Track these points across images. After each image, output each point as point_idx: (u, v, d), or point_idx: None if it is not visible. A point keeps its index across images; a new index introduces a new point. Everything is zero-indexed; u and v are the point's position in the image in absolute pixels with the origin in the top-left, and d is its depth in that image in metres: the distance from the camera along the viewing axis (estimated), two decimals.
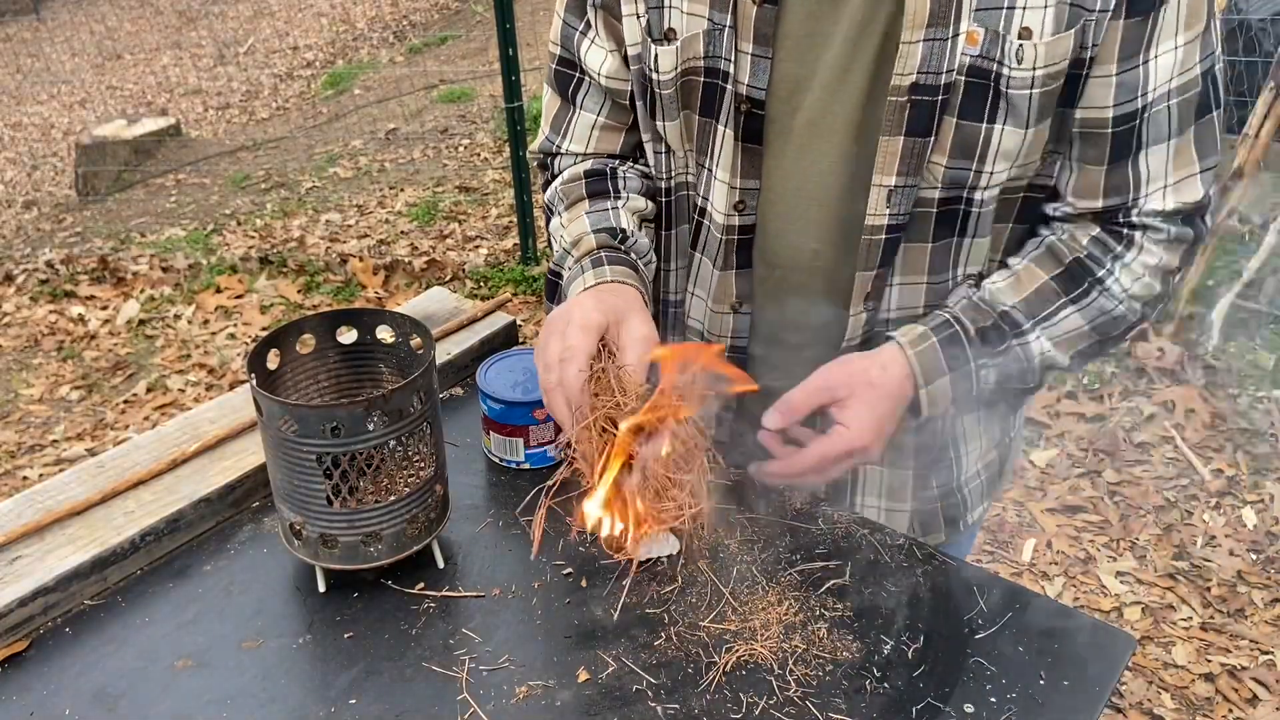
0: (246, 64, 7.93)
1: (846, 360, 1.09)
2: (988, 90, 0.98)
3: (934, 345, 1.07)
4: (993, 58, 0.97)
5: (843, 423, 1.04)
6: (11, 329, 4.17)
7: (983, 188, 1.04)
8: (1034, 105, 0.99)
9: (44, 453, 3.42)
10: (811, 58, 1.04)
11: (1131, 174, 1.05)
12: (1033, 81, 0.97)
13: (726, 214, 1.12)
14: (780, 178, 1.10)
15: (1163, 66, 0.99)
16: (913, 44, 0.97)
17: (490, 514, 1.18)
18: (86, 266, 4.52)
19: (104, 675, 0.98)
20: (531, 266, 4.27)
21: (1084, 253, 1.09)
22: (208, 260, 4.47)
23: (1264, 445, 3.08)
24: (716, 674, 0.98)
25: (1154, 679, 2.39)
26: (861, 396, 1.04)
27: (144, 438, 1.24)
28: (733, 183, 1.10)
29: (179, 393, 3.68)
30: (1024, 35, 0.95)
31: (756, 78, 1.04)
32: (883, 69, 1.01)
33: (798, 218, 1.11)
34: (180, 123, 6.42)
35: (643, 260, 1.16)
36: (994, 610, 1.05)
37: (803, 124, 1.07)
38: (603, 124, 1.21)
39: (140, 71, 8.07)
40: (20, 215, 5.61)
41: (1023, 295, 1.09)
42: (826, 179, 1.08)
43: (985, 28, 0.96)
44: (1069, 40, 0.96)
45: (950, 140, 1.01)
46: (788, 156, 1.08)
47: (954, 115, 1.00)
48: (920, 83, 0.98)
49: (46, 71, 8.13)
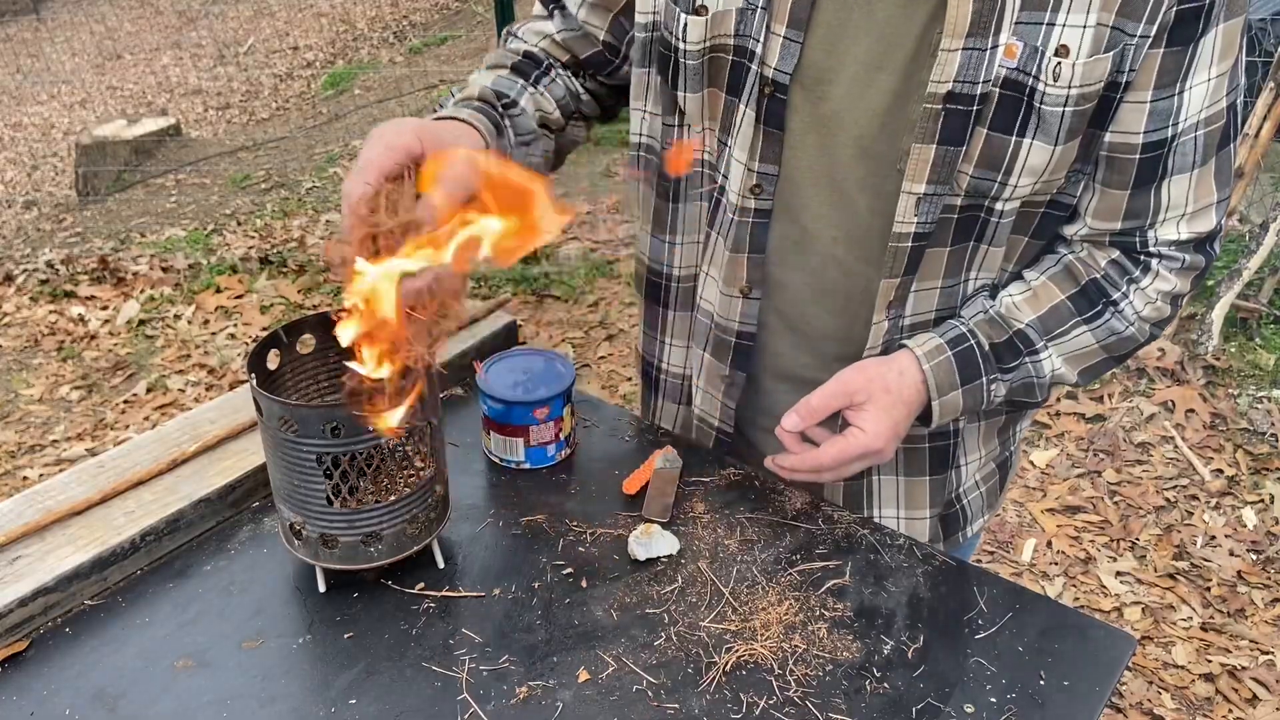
0: (246, 64, 7.93)
1: (863, 366, 1.09)
2: (1020, 104, 0.98)
3: (949, 359, 1.08)
4: (1029, 72, 0.96)
5: (860, 426, 1.05)
6: (11, 329, 4.17)
7: (1005, 199, 1.04)
8: (1065, 123, 0.98)
9: (44, 453, 3.42)
10: (841, 49, 1.03)
11: (1152, 200, 1.05)
12: (1067, 100, 0.97)
13: (742, 195, 1.11)
14: (799, 166, 1.09)
15: (1195, 98, 0.99)
16: (951, 51, 0.97)
17: (490, 514, 1.18)
18: (86, 266, 4.52)
19: (104, 675, 0.98)
20: (532, 266, 4.27)
21: (1101, 274, 1.10)
22: (208, 260, 4.47)
23: (1264, 445, 3.08)
24: (716, 674, 0.98)
25: (1154, 679, 2.39)
26: (878, 401, 1.06)
27: (144, 438, 1.24)
28: (750, 165, 1.09)
29: (179, 393, 3.68)
30: (1060, 53, 0.95)
31: (784, 61, 1.03)
32: (914, 72, 1.00)
33: (815, 207, 1.10)
34: (180, 123, 6.42)
35: (518, 136, 1.13)
36: (994, 610, 1.05)
37: (826, 114, 1.06)
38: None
39: (140, 71, 8.07)
40: (20, 215, 5.61)
41: (1038, 312, 1.10)
42: (846, 173, 1.07)
43: (1024, 42, 0.96)
44: (1106, 63, 0.96)
45: (979, 150, 1.00)
46: (808, 146, 1.07)
47: (985, 126, 0.99)
48: (956, 91, 0.98)
49: (47, 71, 8.13)
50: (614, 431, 1.33)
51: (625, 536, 1.13)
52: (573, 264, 4.29)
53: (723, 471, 1.24)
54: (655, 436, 1.31)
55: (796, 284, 1.16)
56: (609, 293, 4.11)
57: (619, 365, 3.67)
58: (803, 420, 1.07)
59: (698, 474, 1.24)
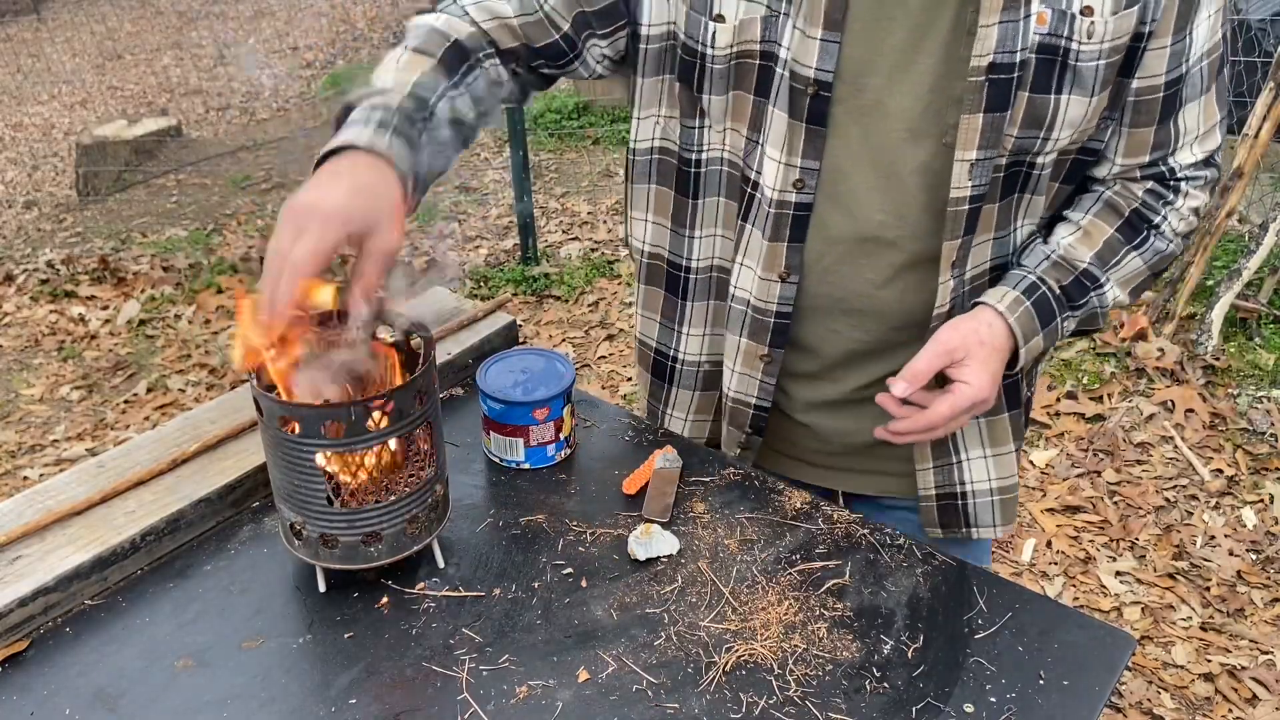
0: (246, 64, 7.93)
1: (955, 325, 1.15)
2: (1055, 64, 1.06)
3: (1028, 309, 1.17)
4: (1061, 34, 1.04)
5: (965, 380, 1.12)
6: (12, 329, 4.17)
7: (1045, 153, 1.13)
8: (1100, 75, 1.07)
9: (44, 453, 3.42)
10: (878, 40, 1.08)
11: (1172, 130, 1.16)
12: (1099, 54, 1.06)
13: (782, 190, 1.15)
14: (843, 156, 1.13)
15: (1201, 34, 1.09)
16: (989, 27, 1.04)
17: (490, 514, 1.18)
18: (87, 266, 4.52)
19: (104, 675, 0.98)
20: (532, 266, 4.27)
21: (1140, 203, 1.21)
22: (208, 260, 4.47)
23: (1263, 445, 3.08)
24: (716, 674, 0.98)
25: (1154, 679, 2.39)
26: (976, 354, 1.13)
27: (144, 438, 1.24)
28: (790, 161, 1.13)
29: (179, 393, 3.68)
30: (1085, 13, 1.04)
31: (824, 61, 1.08)
32: (953, 50, 1.07)
33: (860, 192, 1.15)
34: (181, 123, 6.42)
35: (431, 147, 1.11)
36: (994, 610, 1.06)
37: (869, 104, 1.11)
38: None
39: (141, 72, 8.07)
40: (21, 215, 5.61)
41: (1094, 249, 1.20)
42: (893, 155, 1.12)
43: (1051, 8, 1.04)
44: (1133, 17, 1.05)
45: (1022, 112, 1.08)
46: (853, 135, 1.12)
47: (1026, 90, 1.07)
48: (997, 62, 1.05)
49: (47, 72, 8.13)
50: (614, 431, 1.33)
51: (625, 536, 1.13)
52: (573, 264, 4.30)
53: (723, 471, 1.24)
54: (656, 437, 1.31)
55: (839, 262, 1.20)
56: (609, 293, 4.12)
57: (619, 365, 3.68)
58: (910, 385, 1.11)
59: (698, 474, 1.24)
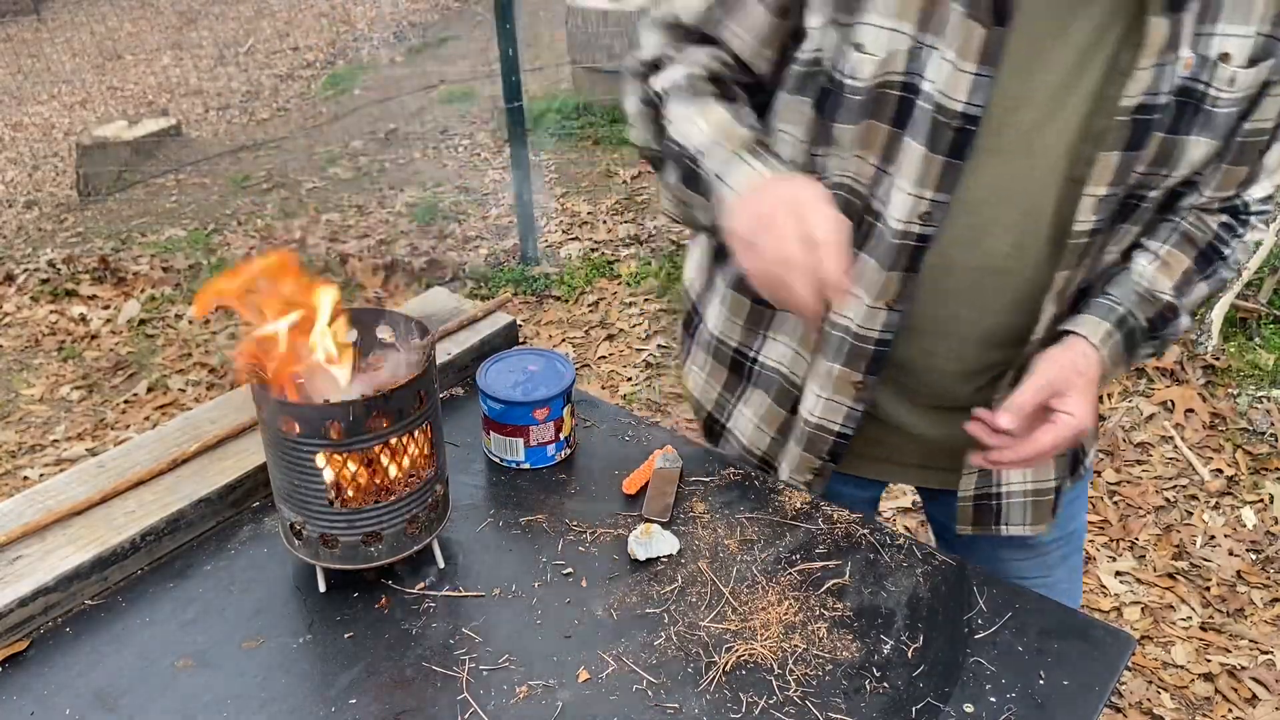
0: (247, 64, 7.94)
1: (1053, 358, 1.16)
2: (1189, 107, 1.08)
3: (1118, 341, 1.19)
4: (1202, 80, 1.06)
5: (1069, 411, 1.13)
6: (12, 329, 4.17)
7: (1160, 188, 1.15)
8: (1230, 121, 1.10)
9: (44, 453, 3.42)
10: (1033, 78, 1.08)
11: (1261, 169, 1.20)
12: (1235, 102, 1.08)
13: (907, 221, 1.14)
14: (977, 189, 1.13)
15: None
16: (1144, 70, 1.05)
17: (490, 514, 1.18)
18: (87, 266, 4.52)
19: (104, 675, 0.98)
20: (531, 266, 4.27)
21: (1214, 235, 1.23)
22: (209, 260, 4.47)
23: (1263, 445, 3.08)
24: (716, 674, 0.98)
25: (1153, 679, 2.39)
26: (1076, 386, 1.15)
27: (144, 438, 1.24)
28: (921, 194, 1.12)
29: (180, 393, 3.68)
30: (1223, 60, 1.06)
31: (976, 95, 1.07)
32: (1105, 90, 1.07)
33: (994, 225, 1.15)
34: (181, 123, 6.41)
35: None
36: (994, 610, 1.06)
37: (1013, 140, 1.10)
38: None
39: (141, 72, 8.07)
40: (21, 215, 5.61)
41: (1174, 281, 1.22)
42: (1034, 189, 1.13)
43: (1196, 53, 1.05)
44: (1267, 69, 1.07)
45: (1153, 151, 1.10)
46: (990, 169, 1.12)
47: (1162, 130, 1.09)
48: (1145, 103, 1.06)
49: (47, 72, 8.13)
50: (614, 431, 1.33)
51: (625, 536, 1.13)
52: (573, 264, 4.30)
53: (723, 471, 1.24)
54: (715, 438, 1.31)
55: (952, 291, 1.20)
56: (609, 293, 4.12)
57: (619, 365, 3.68)
58: (1015, 418, 1.13)
59: (698, 474, 1.24)
